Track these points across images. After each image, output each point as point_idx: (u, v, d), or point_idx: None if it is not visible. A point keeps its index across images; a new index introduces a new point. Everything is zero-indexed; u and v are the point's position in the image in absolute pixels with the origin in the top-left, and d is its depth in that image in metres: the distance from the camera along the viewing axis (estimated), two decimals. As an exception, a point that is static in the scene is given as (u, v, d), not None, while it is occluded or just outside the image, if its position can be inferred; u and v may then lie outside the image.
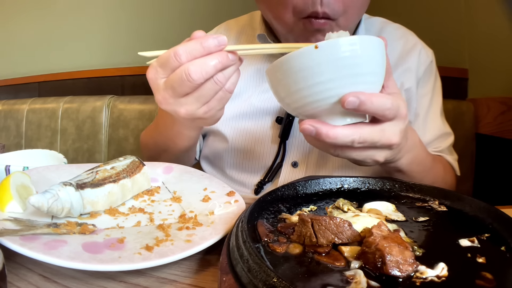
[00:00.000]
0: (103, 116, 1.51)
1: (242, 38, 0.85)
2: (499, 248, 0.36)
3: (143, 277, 0.39)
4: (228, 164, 0.82)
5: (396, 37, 0.81)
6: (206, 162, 0.88)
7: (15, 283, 0.37)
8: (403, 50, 0.80)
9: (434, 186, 0.49)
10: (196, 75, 0.45)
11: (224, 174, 0.84)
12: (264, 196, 0.44)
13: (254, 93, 0.79)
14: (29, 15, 1.90)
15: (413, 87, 0.78)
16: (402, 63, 0.79)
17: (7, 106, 1.67)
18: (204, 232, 0.44)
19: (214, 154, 0.84)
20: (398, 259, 0.31)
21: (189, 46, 0.46)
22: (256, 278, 0.29)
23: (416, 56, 0.79)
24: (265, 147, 0.78)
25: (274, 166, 0.77)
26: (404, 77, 0.78)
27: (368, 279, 0.30)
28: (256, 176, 0.80)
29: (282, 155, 0.77)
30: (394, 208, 0.45)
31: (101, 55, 1.81)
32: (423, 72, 0.80)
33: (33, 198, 0.42)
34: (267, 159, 0.78)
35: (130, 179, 0.54)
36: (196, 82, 0.46)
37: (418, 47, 0.81)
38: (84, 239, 0.41)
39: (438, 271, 0.31)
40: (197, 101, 0.49)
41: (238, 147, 0.80)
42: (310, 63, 0.40)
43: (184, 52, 0.46)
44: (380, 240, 0.32)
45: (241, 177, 0.81)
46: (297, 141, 0.77)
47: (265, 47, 0.50)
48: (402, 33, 0.83)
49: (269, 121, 0.78)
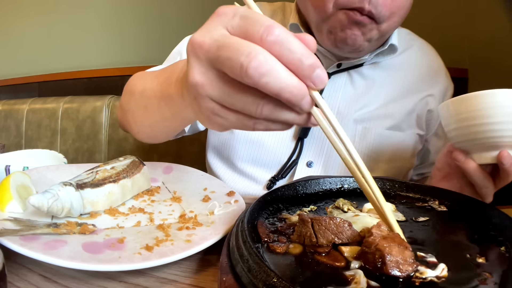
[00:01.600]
0: (103, 116, 1.50)
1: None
2: (499, 248, 0.36)
3: (143, 277, 0.39)
4: (240, 156, 0.78)
5: (423, 53, 0.83)
6: (214, 152, 0.83)
7: (15, 283, 0.37)
8: (429, 70, 0.81)
9: (434, 186, 0.49)
10: (255, 70, 0.29)
11: (233, 166, 0.80)
12: (264, 196, 0.44)
13: None
14: (29, 15, 1.90)
15: (435, 110, 0.80)
16: (428, 86, 0.80)
17: (7, 106, 1.67)
18: (204, 232, 0.44)
19: (224, 144, 0.80)
20: (398, 259, 0.31)
21: (287, 38, 0.30)
22: (256, 278, 0.29)
23: (441, 85, 0.82)
24: (282, 142, 0.76)
25: (289, 164, 0.75)
26: (429, 100, 0.79)
27: (368, 279, 0.30)
28: (269, 172, 0.77)
29: (298, 153, 0.75)
30: (394, 208, 0.45)
31: (101, 55, 1.81)
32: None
33: (33, 198, 0.42)
34: (282, 155, 0.76)
35: (130, 179, 0.54)
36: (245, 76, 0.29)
37: (442, 73, 0.83)
38: (84, 239, 0.41)
39: (438, 272, 0.31)
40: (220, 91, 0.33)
41: (253, 139, 0.77)
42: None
43: (277, 36, 0.30)
44: (380, 240, 0.32)
45: (253, 171, 0.78)
46: (315, 141, 0.75)
47: (346, 147, 0.35)
48: (428, 51, 0.85)
49: None
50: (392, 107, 0.76)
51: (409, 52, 0.81)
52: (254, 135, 0.76)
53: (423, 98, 0.78)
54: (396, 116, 0.76)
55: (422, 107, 0.78)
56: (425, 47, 0.85)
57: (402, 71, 0.79)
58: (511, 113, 0.46)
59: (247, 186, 0.79)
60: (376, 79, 0.77)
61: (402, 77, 0.78)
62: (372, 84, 0.77)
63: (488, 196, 0.54)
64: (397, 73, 0.78)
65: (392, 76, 0.78)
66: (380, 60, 0.77)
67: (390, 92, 0.77)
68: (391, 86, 0.77)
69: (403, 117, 0.76)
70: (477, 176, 0.52)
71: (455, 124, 0.51)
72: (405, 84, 0.78)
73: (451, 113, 0.51)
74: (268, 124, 0.34)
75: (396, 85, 0.77)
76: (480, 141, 0.49)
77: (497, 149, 0.49)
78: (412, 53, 0.82)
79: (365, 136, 0.74)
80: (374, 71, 0.77)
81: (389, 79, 0.77)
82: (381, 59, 0.77)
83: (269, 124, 0.34)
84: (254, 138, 0.77)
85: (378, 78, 0.77)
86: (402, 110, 0.76)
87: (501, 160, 0.48)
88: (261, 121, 0.34)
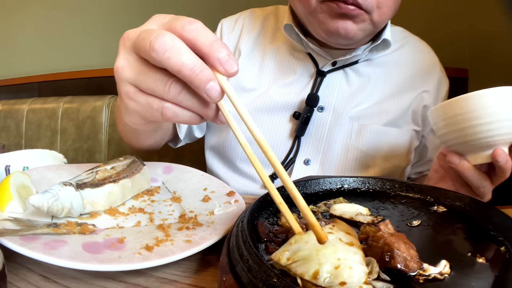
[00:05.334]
0: (103, 116, 1.50)
1: (266, 26, 0.84)
2: (499, 248, 0.36)
3: (143, 277, 0.39)
4: (238, 155, 0.79)
5: (417, 50, 0.83)
6: (213, 152, 0.84)
7: (15, 283, 0.37)
8: (423, 66, 0.81)
9: (434, 186, 0.49)
10: (159, 46, 0.32)
11: (232, 166, 0.81)
12: (264, 196, 0.44)
13: (273, 87, 0.77)
14: (29, 15, 1.90)
15: (431, 105, 0.80)
16: (423, 82, 0.80)
17: (7, 106, 1.67)
18: (204, 232, 0.44)
19: (223, 145, 0.81)
20: (405, 255, 0.31)
21: (203, 31, 0.34)
22: (256, 278, 0.29)
23: (435, 81, 0.81)
24: (279, 141, 0.76)
25: (287, 162, 0.75)
26: (424, 96, 0.79)
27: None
28: (267, 171, 0.76)
29: (295, 151, 0.75)
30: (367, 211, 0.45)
31: (101, 55, 1.80)
32: (443, 97, 0.83)
33: (33, 198, 0.42)
34: (280, 154, 0.76)
35: (130, 179, 0.54)
36: (151, 51, 0.32)
37: (437, 70, 0.83)
38: (84, 239, 0.41)
39: (441, 268, 0.32)
40: (135, 72, 0.36)
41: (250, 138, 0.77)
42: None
43: (192, 30, 0.33)
44: (388, 236, 0.33)
45: (251, 170, 0.78)
46: (312, 139, 0.75)
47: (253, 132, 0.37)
48: (422, 48, 0.85)
49: (286, 116, 0.76)
50: (388, 103, 0.76)
51: (403, 49, 0.82)
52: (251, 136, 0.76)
53: (419, 94, 0.79)
54: (392, 113, 0.76)
55: (417, 103, 0.78)
56: (420, 44, 0.85)
57: (397, 68, 0.79)
58: (499, 112, 0.46)
59: (246, 185, 0.79)
60: (371, 76, 0.77)
61: (397, 74, 0.79)
62: (368, 81, 0.77)
63: (486, 194, 0.54)
64: (392, 70, 0.79)
65: (387, 73, 0.78)
66: (374, 57, 0.77)
67: (385, 89, 0.77)
68: (387, 83, 0.77)
69: (399, 113, 0.77)
70: (473, 176, 0.52)
71: (445, 129, 0.51)
72: (400, 80, 0.79)
73: (441, 118, 0.51)
74: (176, 110, 0.35)
75: (391, 82, 0.78)
76: (473, 143, 0.49)
77: (490, 148, 0.49)
78: (407, 50, 0.82)
79: (361, 133, 0.75)
80: (369, 68, 0.78)
81: (384, 76, 0.78)
82: (375, 55, 0.77)
83: (177, 110, 0.35)
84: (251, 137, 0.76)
85: (373, 75, 0.77)
86: (398, 107, 0.77)
87: (496, 158, 0.48)
88: (169, 105, 0.35)
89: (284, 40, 0.80)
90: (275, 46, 0.81)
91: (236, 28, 0.84)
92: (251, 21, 0.84)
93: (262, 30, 0.83)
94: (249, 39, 0.82)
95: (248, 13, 0.86)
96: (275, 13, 0.85)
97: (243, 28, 0.83)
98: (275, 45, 0.81)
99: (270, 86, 0.78)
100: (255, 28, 0.83)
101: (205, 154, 0.86)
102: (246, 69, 0.80)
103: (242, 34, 0.83)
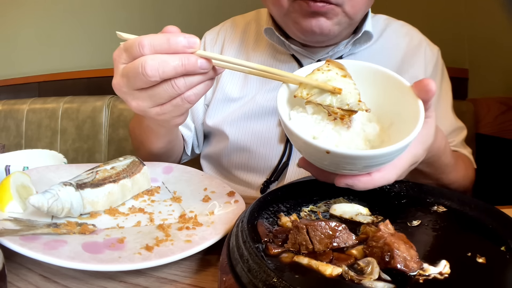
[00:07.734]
0: (103, 116, 1.50)
1: (248, 34, 0.84)
2: (499, 248, 0.36)
3: (143, 277, 0.39)
4: (234, 164, 0.80)
5: (401, 34, 0.82)
6: (208, 161, 0.86)
7: (15, 283, 0.37)
8: (408, 49, 0.80)
9: (434, 186, 0.49)
10: (152, 71, 0.41)
11: (229, 174, 0.82)
12: (264, 196, 0.44)
13: (260, 92, 0.77)
14: (29, 15, 1.90)
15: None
16: (408, 65, 0.78)
17: (7, 106, 1.67)
18: (204, 232, 0.44)
19: (218, 154, 0.82)
20: (405, 255, 0.31)
21: (155, 39, 0.42)
22: (256, 278, 0.29)
23: (422, 58, 0.80)
24: (271, 146, 0.77)
25: (280, 166, 0.76)
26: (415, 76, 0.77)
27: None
28: (262, 176, 0.78)
29: (288, 154, 0.75)
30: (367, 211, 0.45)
31: (101, 55, 1.80)
32: (431, 72, 0.81)
33: (33, 198, 0.42)
34: (273, 159, 0.77)
35: (130, 179, 0.54)
36: (150, 78, 0.42)
37: (423, 45, 0.81)
38: (84, 239, 0.41)
39: (440, 268, 0.32)
40: (149, 99, 0.45)
41: (243, 146, 0.78)
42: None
43: (148, 44, 0.42)
44: (388, 236, 0.33)
45: (247, 177, 0.79)
46: None
47: (246, 65, 0.45)
48: (407, 31, 0.83)
49: (275, 120, 0.76)
50: None
51: (385, 35, 0.80)
52: (243, 144, 0.78)
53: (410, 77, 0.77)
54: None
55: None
56: (403, 28, 0.84)
57: (382, 56, 0.78)
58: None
59: (241, 191, 0.79)
60: None
61: (383, 61, 0.77)
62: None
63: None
64: (377, 58, 0.77)
65: (374, 62, 0.77)
66: (357, 50, 0.76)
67: None
68: None
69: None
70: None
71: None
72: (388, 67, 0.77)
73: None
74: (194, 91, 0.45)
75: None
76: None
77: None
78: (390, 34, 0.81)
79: None
80: None
81: None
82: (358, 49, 0.76)
83: (194, 91, 0.45)
84: (243, 145, 0.78)
85: None
86: None
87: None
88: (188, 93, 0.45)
89: (266, 45, 0.81)
90: (257, 52, 0.81)
91: (218, 41, 0.85)
92: (233, 30, 0.85)
93: (243, 38, 0.84)
94: (231, 49, 0.83)
95: (229, 23, 0.88)
96: (256, 19, 0.86)
97: (225, 40, 0.84)
98: (257, 51, 0.81)
99: (257, 92, 0.78)
100: (237, 37, 0.84)
101: (200, 163, 0.87)
102: (232, 79, 0.81)
103: (224, 46, 0.83)
